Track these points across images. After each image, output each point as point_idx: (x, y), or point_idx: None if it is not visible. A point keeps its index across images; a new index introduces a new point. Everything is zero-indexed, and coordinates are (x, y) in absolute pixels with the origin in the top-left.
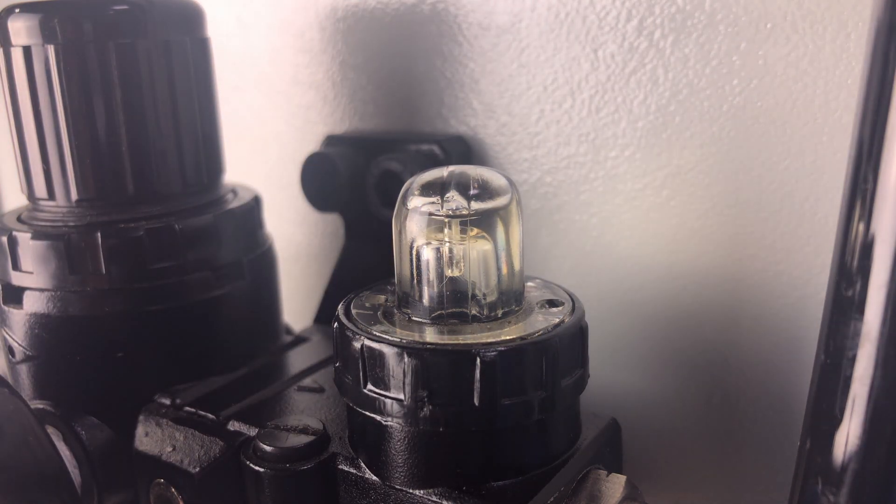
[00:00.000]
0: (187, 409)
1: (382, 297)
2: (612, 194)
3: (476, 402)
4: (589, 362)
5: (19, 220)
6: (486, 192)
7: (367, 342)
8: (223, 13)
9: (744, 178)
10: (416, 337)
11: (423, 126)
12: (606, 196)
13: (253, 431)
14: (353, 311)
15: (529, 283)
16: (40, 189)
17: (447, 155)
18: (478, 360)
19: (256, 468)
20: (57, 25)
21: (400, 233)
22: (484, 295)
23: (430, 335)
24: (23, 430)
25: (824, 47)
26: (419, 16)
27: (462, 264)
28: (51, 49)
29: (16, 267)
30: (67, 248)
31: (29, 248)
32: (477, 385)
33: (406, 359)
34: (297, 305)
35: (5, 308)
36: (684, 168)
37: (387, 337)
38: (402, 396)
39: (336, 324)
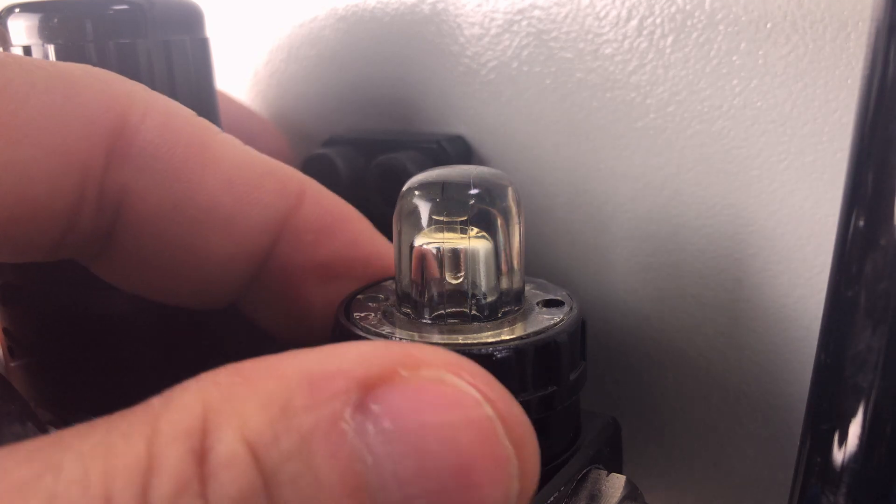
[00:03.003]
0: None
1: (382, 297)
2: (612, 194)
3: None
4: (588, 361)
5: None
6: (486, 191)
7: None
8: (223, 12)
9: (744, 177)
10: (417, 337)
11: (423, 126)
12: (607, 196)
13: None
14: (353, 312)
15: (529, 283)
16: None
17: (447, 155)
18: (492, 358)
19: None
20: (57, 25)
21: (400, 233)
22: (484, 294)
23: (432, 335)
24: (23, 430)
25: (824, 47)
26: (419, 15)
27: (462, 264)
28: (51, 49)
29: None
30: None
31: None
32: None
33: None
34: None
35: (5, 308)
36: (684, 168)
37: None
38: None
39: (335, 324)
